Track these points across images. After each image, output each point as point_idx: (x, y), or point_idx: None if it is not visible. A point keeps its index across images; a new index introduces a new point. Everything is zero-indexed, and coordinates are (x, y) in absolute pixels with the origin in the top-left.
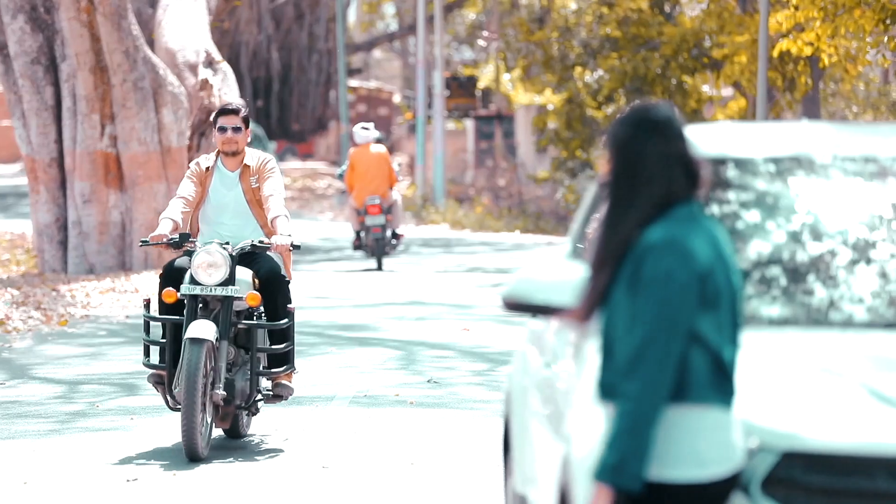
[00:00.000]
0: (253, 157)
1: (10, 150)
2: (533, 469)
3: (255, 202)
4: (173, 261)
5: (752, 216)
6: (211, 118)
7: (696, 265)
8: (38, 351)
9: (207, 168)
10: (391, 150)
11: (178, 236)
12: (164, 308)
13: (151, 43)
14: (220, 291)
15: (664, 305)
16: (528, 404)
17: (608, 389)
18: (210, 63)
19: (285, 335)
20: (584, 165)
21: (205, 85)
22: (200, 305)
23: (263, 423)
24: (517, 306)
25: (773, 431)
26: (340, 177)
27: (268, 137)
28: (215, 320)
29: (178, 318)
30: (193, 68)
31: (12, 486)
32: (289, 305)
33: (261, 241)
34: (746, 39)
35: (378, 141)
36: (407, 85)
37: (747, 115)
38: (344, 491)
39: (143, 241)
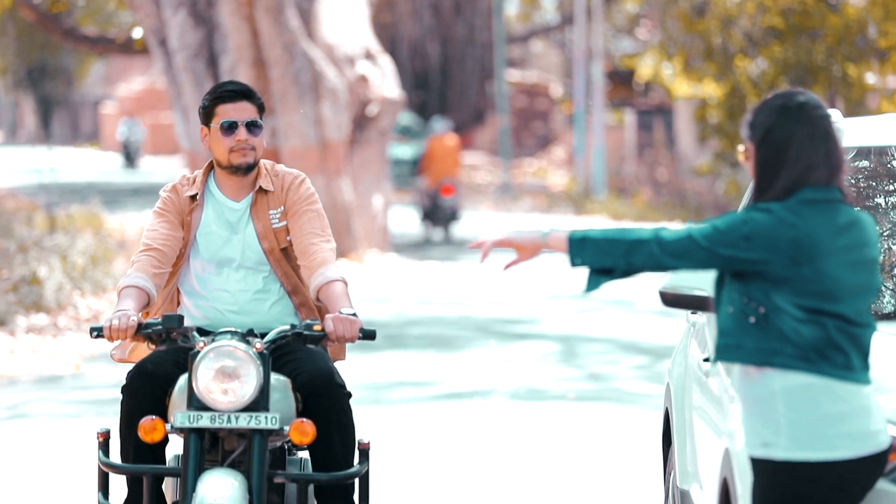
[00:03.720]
0: (273, 175)
1: (171, 144)
2: (694, 464)
3: (280, 254)
4: (145, 362)
5: None
6: (200, 107)
7: (785, 225)
8: None
9: (193, 197)
10: (549, 141)
11: (159, 320)
12: (135, 448)
13: (311, 36)
14: (247, 422)
15: (727, 227)
16: (689, 399)
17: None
18: (369, 56)
19: (352, 494)
20: None
21: (364, 78)
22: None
23: (421, 419)
24: (675, 300)
25: None
26: (414, 163)
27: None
28: (238, 469)
29: (162, 467)
30: (353, 61)
31: None
32: (359, 440)
33: (310, 327)
34: None
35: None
36: (567, 77)
37: None
38: (504, 484)
39: (94, 330)
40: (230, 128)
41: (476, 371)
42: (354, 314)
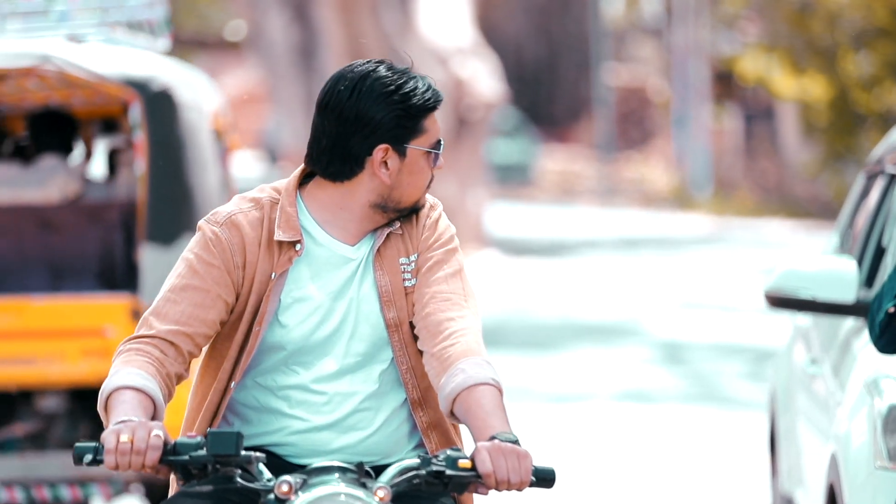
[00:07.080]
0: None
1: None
2: (800, 469)
3: (409, 332)
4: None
5: None
6: (378, 115)
7: None
8: None
9: (289, 246)
10: (649, 139)
11: (199, 440)
12: None
13: (411, 34)
14: None
15: None
16: (794, 402)
17: None
18: (470, 53)
19: None
20: (851, 157)
21: (464, 76)
22: None
23: (524, 421)
24: (781, 301)
25: None
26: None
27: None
28: None
29: None
30: (453, 59)
31: None
32: None
33: (454, 462)
34: None
35: None
36: (669, 75)
37: None
38: (608, 486)
39: (86, 453)
40: (433, 154)
41: (578, 373)
42: (517, 441)
